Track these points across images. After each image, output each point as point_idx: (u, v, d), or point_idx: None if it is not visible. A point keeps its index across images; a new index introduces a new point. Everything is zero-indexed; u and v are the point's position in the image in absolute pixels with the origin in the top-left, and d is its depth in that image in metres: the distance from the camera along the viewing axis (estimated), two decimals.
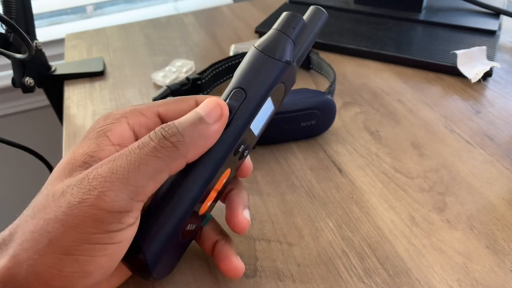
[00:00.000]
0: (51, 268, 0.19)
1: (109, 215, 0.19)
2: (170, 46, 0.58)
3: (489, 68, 0.45)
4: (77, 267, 0.19)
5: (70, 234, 0.19)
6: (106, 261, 0.20)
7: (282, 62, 0.24)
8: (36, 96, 0.88)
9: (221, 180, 0.24)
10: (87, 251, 0.19)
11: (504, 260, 0.28)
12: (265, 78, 0.23)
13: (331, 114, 0.38)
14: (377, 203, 0.32)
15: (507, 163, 0.35)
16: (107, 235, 0.19)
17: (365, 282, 0.27)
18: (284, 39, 0.24)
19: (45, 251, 0.19)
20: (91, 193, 0.19)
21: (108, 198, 0.19)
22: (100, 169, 0.20)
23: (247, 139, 0.24)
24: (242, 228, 0.25)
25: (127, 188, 0.19)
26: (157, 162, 0.20)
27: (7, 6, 0.44)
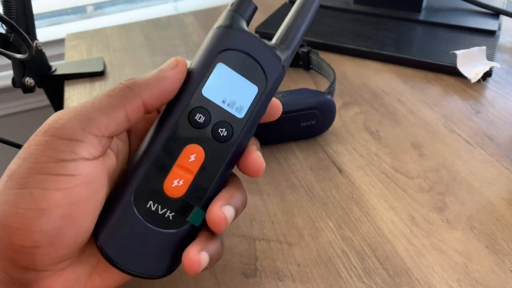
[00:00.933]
0: (7, 206, 0.19)
1: (60, 141, 0.20)
2: (170, 46, 0.58)
3: (489, 68, 0.45)
4: (31, 203, 0.19)
5: (25, 166, 0.19)
6: (61, 197, 0.19)
7: (217, 28, 0.25)
8: (36, 96, 0.88)
9: (185, 155, 0.23)
10: (40, 182, 0.19)
11: (504, 260, 0.28)
12: (205, 45, 0.24)
13: (331, 114, 0.38)
14: (377, 203, 0.32)
15: (507, 163, 0.35)
16: (59, 164, 0.19)
17: (365, 282, 0.27)
18: (224, 12, 0.25)
19: (3, 189, 0.19)
20: (46, 124, 0.20)
21: (58, 125, 0.20)
22: (65, 110, 0.21)
23: (212, 111, 0.23)
24: (216, 223, 0.22)
25: (78, 118, 0.20)
26: (110, 99, 0.21)
27: (7, 6, 0.44)
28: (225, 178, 0.24)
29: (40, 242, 0.19)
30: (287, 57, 0.26)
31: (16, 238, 0.19)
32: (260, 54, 0.24)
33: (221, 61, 0.24)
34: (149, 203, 0.22)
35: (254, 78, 0.24)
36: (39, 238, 0.19)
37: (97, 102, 0.21)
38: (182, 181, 0.23)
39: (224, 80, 0.24)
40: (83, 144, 0.20)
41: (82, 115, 0.20)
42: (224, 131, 0.24)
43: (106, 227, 0.22)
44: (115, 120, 0.21)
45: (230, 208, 0.23)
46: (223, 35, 0.24)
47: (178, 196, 0.23)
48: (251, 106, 0.24)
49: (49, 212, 0.19)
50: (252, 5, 0.26)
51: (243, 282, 0.27)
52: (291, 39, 0.26)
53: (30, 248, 0.19)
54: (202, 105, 0.23)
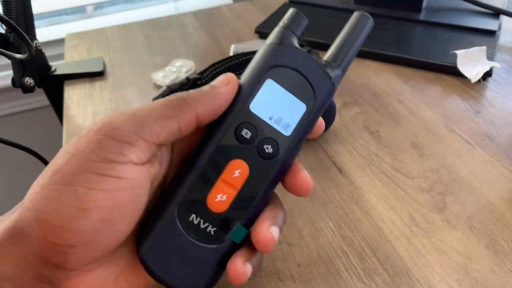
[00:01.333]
0: (49, 201, 0.19)
1: (112, 142, 0.20)
2: (170, 46, 0.58)
3: (489, 68, 0.45)
4: (75, 201, 0.19)
5: (72, 162, 0.19)
6: (104, 199, 0.19)
7: (269, 44, 0.24)
8: (36, 96, 0.88)
9: (229, 170, 0.23)
10: (87, 181, 0.19)
11: (504, 260, 0.28)
12: (255, 61, 0.24)
13: (331, 114, 0.38)
14: (377, 203, 0.32)
15: (507, 163, 0.35)
16: (108, 164, 0.19)
17: (365, 282, 0.27)
18: (276, 29, 0.25)
19: (48, 183, 0.19)
20: (98, 122, 0.20)
21: (112, 125, 0.20)
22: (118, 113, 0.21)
23: (258, 127, 0.23)
24: (265, 244, 0.22)
25: (133, 121, 0.20)
26: (165, 109, 0.21)
27: (7, 6, 0.44)
28: (268, 195, 0.24)
29: (76, 243, 0.19)
30: (337, 76, 0.25)
31: (52, 235, 0.19)
32: (310, 72, 0.24)
33: (270, 78, 0.24)
34: (191, 216, 0.22)
35: (302, 96, 0.24)
36: (75, 238, 0.19)
37: (152, 110, 0.21)
38: (226, 196, 0.23)
39: (272, 97, 0.24)
40: (134, 148, 0.20)
41: (137, 120, 0.20)
42: (270, 148, 0.23)
43: (148, 239, 0.22)
44: (168, 130, 0.21)
45: (276, 228, 0.23)
46: (274, 51, 0.24)
47: (221, 211, 0.23)
48: (298, 124, 0.24)
49: (91, 213, 0.19)
50: (304, 22, 0.26)
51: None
52: (342, 58, 0.26)
53: (65, 247, 0.19)
54: (249, 121, 0.23)
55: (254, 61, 0.24)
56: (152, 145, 0.21)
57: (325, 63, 0.26)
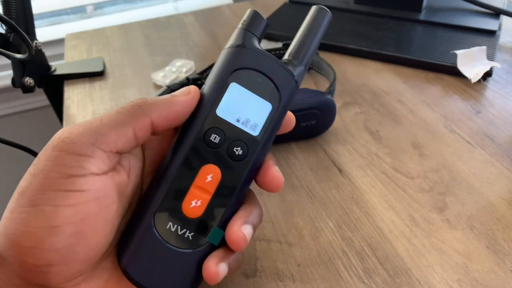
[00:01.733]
0: (19, 224, 0.19)
1: (70, 157, 0.20)
2: (170, 46, 0.58)
3: (489, 68, 0.45)
4: (43, 220, 0.19)
5: (35, 182, 0.19)
6: (71, 214, 0.19)
7: (230, 47, 0.25)
8: (36, 96, 0.88)
9: (202, 176, 0.23)
10: (51, 199, 0.19)
11: (504, 260, 0.28)
12: (217, 65, 0.25)
13: (331, 114, 0.38)
14: (377, 203, 0.32)
15: (507, 163, 0.35)
16: (69, 179, 0.19)
17: (365, 282, 0.27)
18: (236, 31, 0.26)
19: (14, 207, 0.19)
20: (54, 138, 0.20)
21: (68, 140, 0.20)
22: (70, 125, 0.21)
23: (227, 131, 0.23)
24: (236, 242, 0.22)
25: (87, 133, 0.20)
26: (119, 115, 0.21)
27: (7, 6, 0.44)
28: (242, 195, 0.25)
29: (53, 261, 0.19)
30: (300, 72, 0.26)
31: (28, 257, 0.19)
32: (272, 71, 0.24)
33: (234, 81, 0.24)
34: (168, 224, 0.23)
35: (267, 96, 0.24)
36: (51, 256, 0.19)
37: (107, 118, 0.21)
38: (200, 201, 0.23)
39: (237, 99, 0.24)
40: (93, 159, 0.20)
41: (91, 130, 0.20)
42: (240, 150, 0.24)
43: (128, 250, 0.22)
44: (123, 137, 0.21)
45: (248, 227, 0.23)
46: (235, 54, 0.24)
47: (197, 216, 0.23)
48: (266, 123, 0.24)
49: (60, 230, 0.19)
50: (263, 22, 0.26)
51: (243, 282, 0.27)
52: (304, 54, 0.26)
53: (43, 267, 0.19)
54: (217, 126, 0.23)
55: (217, 65, 0.25)
56: (110, 154, 0.21)
57: (287, 61, 0.26)
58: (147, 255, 0.22)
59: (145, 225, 0.22)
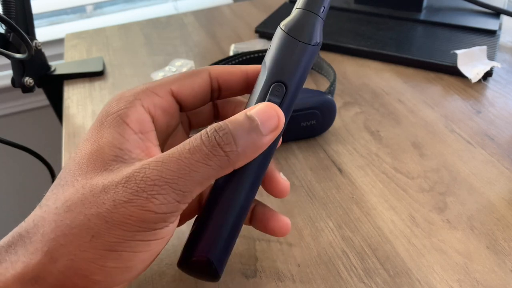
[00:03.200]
0: (93, 263, 0.19)
1: (156, 216, 0.19)
2: (170, 46, 0.58)
3: (490, 68, 0.45)
4: (119, 263, 0.19)
5: (114, 231, 0.19)
6: (147, 256, 0.20)
7: (312, 45, 0.23)
8: (36, 96, 0.88)
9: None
10: (131, 247, 0.19)
11: (504, 261, 0.27)
12: (302, 67, 0.22)
13: (331, 114, 0.38)
14: (377, 203, 0.32)
15: (507, 163, 0.35)
16: (152, 232, 0.20)
17: (365, 282, 0.27)
18: (314, 18, 0.23)
19: (87, 247, 0.19)
20: (140, 195, 0.19)
21: (157, 201, 0.19)
22: (148, 171, 0.20)
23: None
24: (285, 190, 0.25)
25: (175, 192, 0.19)
26: (208, 169, 0.20)
27: (7, 6, 0.44)
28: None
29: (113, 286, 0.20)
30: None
31: (94, 286, 0.19)
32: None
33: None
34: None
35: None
36: (115, 285, 0.20)
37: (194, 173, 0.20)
38: None
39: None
40: (176, 213, 0.20)
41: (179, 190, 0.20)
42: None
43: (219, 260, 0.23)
44: (205, 187, 0.21)
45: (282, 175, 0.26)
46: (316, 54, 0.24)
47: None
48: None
49: (135, 268, 0.20)
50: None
51: (243, 283, 0.27)
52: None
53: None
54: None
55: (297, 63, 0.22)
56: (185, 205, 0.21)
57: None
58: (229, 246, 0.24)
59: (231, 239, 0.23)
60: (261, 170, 0.23)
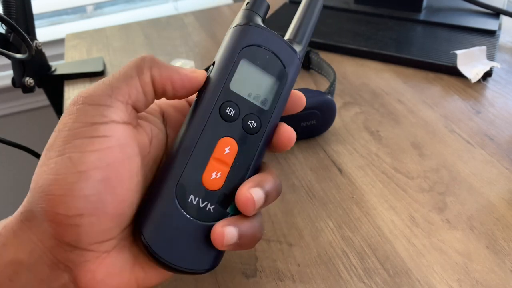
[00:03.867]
0: (49, 174, 0.20)
1: (91, 107, 0.21)
2: (170, 46, 0.58)
3: (489, 68, 0.45)
4: (70, 167, 0.20)
5: (61, 135, 0.21)
6: (97, 158, 0.20)
7: (236, 26, 0.25)
8: (36, 96, 0.88)
9: (220, 148, 0.24)
10: (77, 146, 0.20)
11: (504, 260, 0.28)
12: (226, 44, 0.25)
13: (331, 114, 0.38)
14: (377, 203, 0.32)
15: (507, 163, 0.35)
16: (92, 127, 0.20)
17: (365, 282, 0.27)
18: (240, 12, 0.27)
19: (43, 161, 0.21)
20: (75, 96, 0.22)
21: (86, 94, 0.22)
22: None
23: (240, 104, 0.24)
24: (243, 203, 0.22)
25: (103, 86, 0.22)
26: (127, 69, 0.23)
27: (7, 6, 0.44)
28: (258, 165, 0.25)
29: (84, 210, 0.20)
30: (301, 50, 0.27)
31: (60, 206, 0.19)
32: (278, 49, 0.26)
33: (244, 57, 0.25)
34: (190, 197, 0.23)
35: (274, 72, 0.25)
36: (82, 204, 0.19)
37: (117, 73, 0.23)
38: (220, 174, 0.24)
39: (248, 76, 0.25)
40: (112, 108, 0.21)
41: (106, 84, 0.22)
42: (253, 123, 0.25)
43: (149, 223, 0.22)
44: (134, 88, 0.22)
45: (258, 190, 0.23)
46: (244, 32, 0.25)
47: (217, 188, 0.24)
48: (275, 98, 0.25)
49: (88, 175, 0.20)
50: (265, 3, 0.27)
51: (243, 282, 0.27)
52: (302, 35, 0.28)
53: (75, 218, 0.19)
54: (231, 99, 0.24)
55: (226, 43, 0.25)
56: (127, 106, 0.22)
57: (289, 40, 0.28)
58: (170, 229, 0.22)
59: (166, 198, 0.22)
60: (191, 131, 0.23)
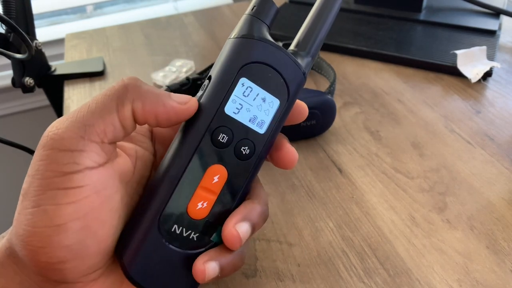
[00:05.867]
0: (26, 226, 0.19)
1: (61, 154, 0.19)
2: (170, 46, 0.58)
3: (489, 68, 0.45)
4: (47, 220, 0.19)
5: (34, 184, 0.19)
6: (73, 211, 0.19)
7: (238, 38, 0.23)
8: (36, 96, 0.88)
9: (208, 177, 0.22)
10: (52, 198, 0.19)
11: (504, 260, 0.28)
12: (225, 58, 0.23)
13: (331, 114, 0.38)
14: (377, 203, 0.32)
15: (507, 163, 0.35)
16: (66, 177, 0.19)
17: (365, 282, 0.27)
18: (244, 18, 0.24)
19: (20, 208, 0.19)
20: (44, 136, 0.19)
21: (56, 136, 0.19)
22: (56, 122, 0.20)
23: (234, 129, 0.22)
24: (229, 240, 0.22)
25: (75, 126, 0.19)
26: (106, 100, 0.20)
27: (7, 6, 0.44)
28: (247, 191, 0.24)
29: (65, 258, 0.19)
30: (307, 64, 0.24)
31: (41, 256, 0.19)
32: (282, 65, 0.23)
33: (244, 76, 0.22)
34: (174, 227, 0.22)
35: (276, 91, 0.23)
36: (63, 254, 0.19)
37: (94, 104, 0.20)
38: (206, 203, 0.22)
39: (246, 96, 0.23)
40: (85, 153, 0.19)
41: (79, 122, 0.19)
42: (247, 149, 0.23)
43: (130, 251, 0.21)
44: (111, 125, 0.20)
45: (245, 224, 0.22)
46: (245, 46, 0.22)
47: (202, 217, 0.23)
48: (273, 120, 0.23)
49: (67, 227, 0.19)
50: (273, 8, 0.24)
51: (243, 282, 0.27)
52: (312, 44, 0.25)
53: (57, 264, 0.19)
54: (225, 124, 0.22)
55: (224, 57, 0.23)
56: (103, 145, 0.20)
57: (294, 51, 0.24)
58: (150, 257, 0.22)
59: (148, 228, 0.21)
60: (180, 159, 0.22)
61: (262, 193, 0.25)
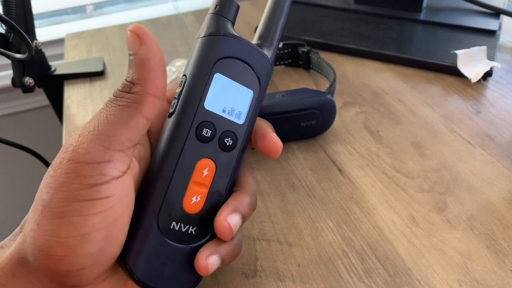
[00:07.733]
0: (49, 236, 0.19)
1: (88, 167, 0.19)
2: (170, 46, 0.58)
3: (489, 68, 0.45)
4: (72, 231, 0.19)
5: (58, 196, 0.19)
6: (99, 221, 0.19)
7: (207, 36, 0.24)
8: (36, 96, 0.88)
9: (198, 171, 0.23)
10: (77, 210, 0.19)
11: (504, 260, 0.28)
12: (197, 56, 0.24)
13: (331, 114, 0.38)
14: (377, 203, 0.32)
15: (507, 163, 0.35)
16: (93, 189, 0.19)
17: (365, 282, 0.27)
18: (209, 17, 0.25)
19: (41, 219, 0.19)
20: (68, 149, 0.20)
21: (82, 150, 0.19)
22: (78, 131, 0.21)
23: (216, 123, 0.24)
24: (221, 232, 0.23)
25: (99, 138, 0.20)
26: (124, 110, 0.20)
27: (7, 6, 0.44)
28: (235, 180, 0.25)
29: (86, 265, 0.20)
30: (272, 54, 0.26)
31: (62, 264, 0.19)
32: (251, 58, 0.25)
33: (218, 71, 0.24)
34: (172, 224, 0.23)
35: (248, 83, 0.25)
36: (84, 261, 0.20)
37: (112, 116, 0.20)
38: (199, 197, 0.24)
39: (222, 90, 0.24)
40: (111, 163, 0.20)
41: (102, 134, 0.20)
42: (230, 140, 0.24)
43: (134, 254, 0.22)
44: (136, 129, 0.21)
45: (235, 216, 0.24)
46: (214, 43, 0.24)
47: (197, 211, 0.24)
48: (249, 110, 0.25)
49: (91, 236, 0.19)
50: (234, 5, 0.25)
51: (243, 282, 0.27)
52: (273, 36, 0.27)
53: (77, 271, 0.20)
54: (207, 119, 0.23)
55: (196, 55, 0.24)
56: (128, 151, 0.21)
57: (258, 44, 0.27)
58: (154, 257, 0.22)
59: (149, 229, 0.22)
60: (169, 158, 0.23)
61: (250, 182, 0.26)
